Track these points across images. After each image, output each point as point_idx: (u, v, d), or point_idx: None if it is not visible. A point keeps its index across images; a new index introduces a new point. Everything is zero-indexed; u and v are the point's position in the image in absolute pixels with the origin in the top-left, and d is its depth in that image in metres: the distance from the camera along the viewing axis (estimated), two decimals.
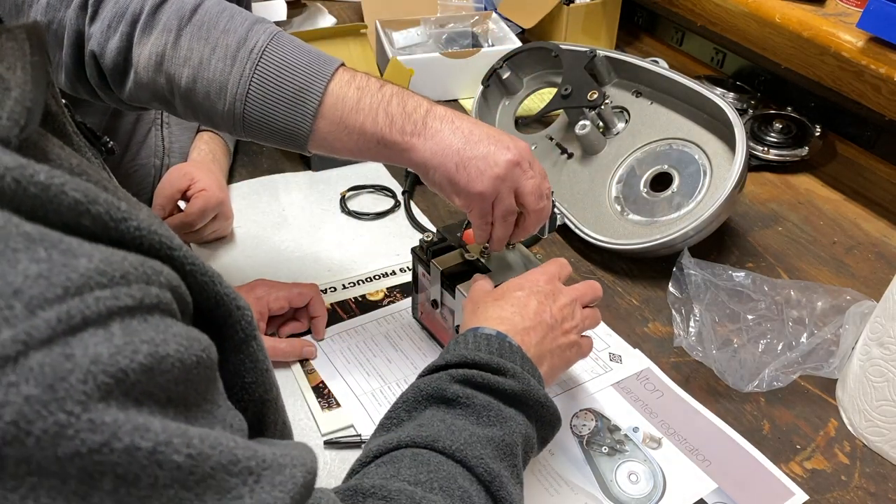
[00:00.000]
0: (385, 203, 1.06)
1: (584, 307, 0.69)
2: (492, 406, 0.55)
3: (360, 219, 1.03)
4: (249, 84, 0.64)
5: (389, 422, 0.56)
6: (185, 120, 0.73)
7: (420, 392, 0.56)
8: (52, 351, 0.28)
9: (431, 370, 0.59)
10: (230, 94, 0.65)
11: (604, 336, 0.86)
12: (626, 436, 0.74)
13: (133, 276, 0.32)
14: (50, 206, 0.31)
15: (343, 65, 0.67)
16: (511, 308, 0.64)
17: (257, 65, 0.64)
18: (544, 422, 0.59)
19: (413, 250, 0.80)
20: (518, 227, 0.72)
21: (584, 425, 0.75)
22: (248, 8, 1.03)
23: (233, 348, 0.42)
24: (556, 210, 0.77)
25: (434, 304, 0.79)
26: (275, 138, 0.67)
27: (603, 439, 0.74)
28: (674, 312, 0.86)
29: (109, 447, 0.29)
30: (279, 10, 1.47)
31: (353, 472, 0.54)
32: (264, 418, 0.46)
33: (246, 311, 0.42)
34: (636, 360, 0.83)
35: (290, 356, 0.80)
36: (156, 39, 0.65)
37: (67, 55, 0.68)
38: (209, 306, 0.40)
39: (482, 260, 0.76)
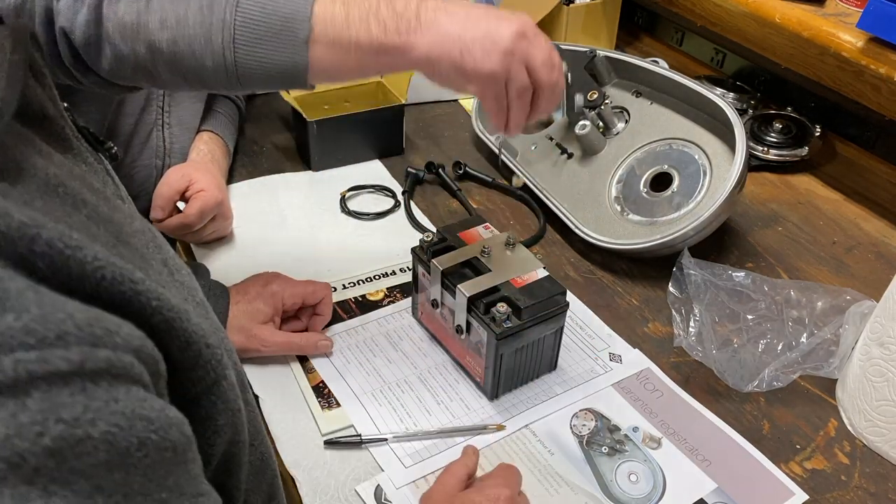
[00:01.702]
0: (385, 203, 1.06)
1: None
2: None
3: (360, 219, 1.03)
4: (234, 29, 0.61)
5: None
6: (173, 91, 0.70)
7: None
8: None
9: None
10: (216, 45, 0.62)
11: (604, 336, 0.86)
12: (626, 436, 0.74)
13: (74, 337, 0.29)
14: None
15: None
16: None
17: (237, 7, 0.61)
18: None
19: (413, 250, 0.80)
20: (533, 108, 0.69)
21: (584, 425, 0.75)
22: None
23: (204, 390, 0.39)
24: (571, 91, 0.73)
25: (434, 304, 0.79)
26: (273, 81, 0.64)
27: (603, 439, 0.74)
28: (674, 312, 0.86)
29: None
30: None
31: None
32: (235, 458, 0.44)
33: (216, 350, 0.39)
34: (636, 360, 0.82)
35: (305, 350, 0.80)
36: (126, 6, 0.62)
37: (40, 36, 0.64)
38: (179, 345, 0.37)
39: (482, 260, 0.76)
